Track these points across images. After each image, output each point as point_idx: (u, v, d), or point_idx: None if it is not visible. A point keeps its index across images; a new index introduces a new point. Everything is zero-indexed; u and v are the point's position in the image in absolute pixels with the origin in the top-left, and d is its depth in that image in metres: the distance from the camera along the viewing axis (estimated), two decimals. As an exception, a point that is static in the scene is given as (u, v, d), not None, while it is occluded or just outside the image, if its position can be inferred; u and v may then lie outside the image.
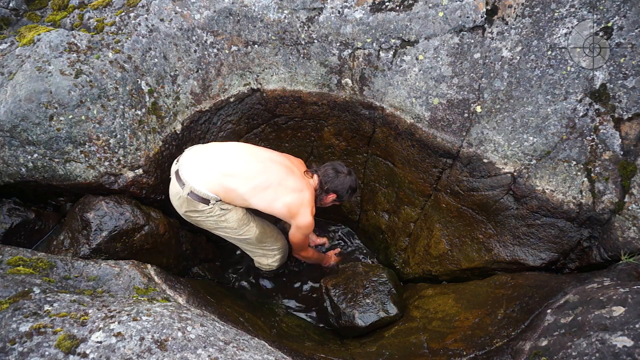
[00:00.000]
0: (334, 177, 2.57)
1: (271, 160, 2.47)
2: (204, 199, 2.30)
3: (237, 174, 2.34)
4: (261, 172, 2.39)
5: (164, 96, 2.49)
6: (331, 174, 2.57)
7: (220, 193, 2.32)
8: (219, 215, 2.38)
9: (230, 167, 2.34)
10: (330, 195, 2.62)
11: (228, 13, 2.47)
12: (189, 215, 2.43)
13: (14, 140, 2.22)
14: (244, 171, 2.36)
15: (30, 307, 1.45)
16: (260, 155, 2.47)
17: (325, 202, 2.69)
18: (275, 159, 2.50)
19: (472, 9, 2.18)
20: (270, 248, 2.75)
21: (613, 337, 1.45)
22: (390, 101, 2.46)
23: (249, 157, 2.42)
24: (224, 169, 2.34)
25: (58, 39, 2.30)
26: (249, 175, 2.35)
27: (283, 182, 2.41)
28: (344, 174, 2.59)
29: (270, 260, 2.82)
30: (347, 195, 2.64)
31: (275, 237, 2.77)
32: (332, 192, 2.60)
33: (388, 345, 2.28)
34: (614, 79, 2.03)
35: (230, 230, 2.49)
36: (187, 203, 2.34)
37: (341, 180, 2.57)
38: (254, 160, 2.41)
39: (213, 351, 1.41)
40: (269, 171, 2.41)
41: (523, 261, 2.38)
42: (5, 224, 2.31)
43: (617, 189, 2.08)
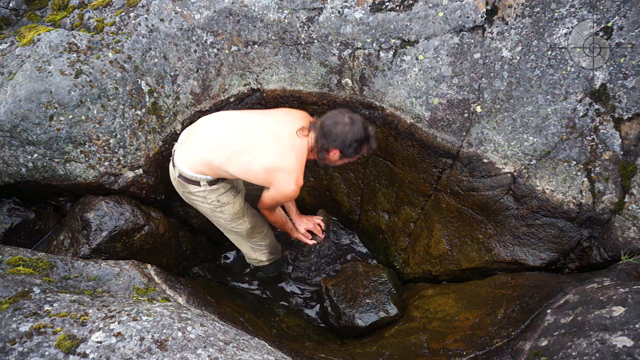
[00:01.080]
0: (330, 129, 2.13)
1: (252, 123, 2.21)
2: (193, 180, 2.25)
3: (213, 144, 2.17)
4: (237, 137, 2.17)
5: (164, 96, 2.49)
6: (327, 126, 2.14)
7: (205, 170, 2.20)
8: (215, 205, 2.36)
9: (208, 140, 2.19)
10: (332, 152, 2.20)
11: (228, 13, 2.47)
12: (187, 196, 2.40)
13: (14, 140, 2.22)
14: (219, 140, 2.17)
15: (30, 307, 1.45)
16: (243, 120, 2.24)
17: (332, 160, 2.27)
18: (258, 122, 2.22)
19: (472, 9, 2.18)
20: (259, 244, 2.78)
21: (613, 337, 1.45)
22: (390, 101, 2.46)
23: (228, 124, 2.23)
24: (202, 143, 2.19)
25: (58, 39, 2.30)
26: (224, 144, 2.16)
27: (262, 144, 2.14)
28: (344, 123, 2.12)
29: (257, 254, 2.84)
30: (350, 149, 2.16)
31: (265, 234, 2.77)
32: (332, 148, 2.18)
33: (388, 345, 2.28)
34: (614, 79, 2.03)
35: (223, 221, 2.49)
36: (181, 185, 2.33)
37: (339, 131, 2.11)
38: (232, 127, 2.21)
39: (213, 351, 1.41)
40: (245, 134, 2.16)
41: (523, 261, 2.38)
42: (5, 224, 2.31)
43: (617, 189, 2.08)
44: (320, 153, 2.21)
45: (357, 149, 2.19)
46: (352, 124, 2.13)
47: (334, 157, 2.24)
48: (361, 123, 2.16)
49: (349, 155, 2.22)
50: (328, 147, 2.16)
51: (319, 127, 2.18)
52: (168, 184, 2.60)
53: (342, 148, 2.16)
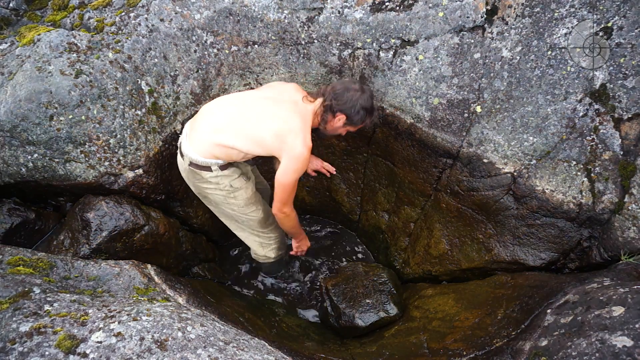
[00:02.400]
0: (341, 93, 2.19)
1: (254, 98, 2.27)
2: (205, 166, 2.24)
3: (220, 125, 2.20)
4: (242, 112, 2.21)
5: (164, 96, 2.50)
6: (339, 89, 2.20)
7: (216, 153, 2.21)
8: (229, 191, 2.35)
9: (213, 122, 2.22)
10: (337, 117, 2.24)
11: (228, 13, 2.47)
12: (199, 186, 2.39)
13: (14, 140, 2.22)
14: (225, 119, 2.21)
15: (30, 307, 1.45)
16: (245, 97, 2.29)
17: (334, 126, 2.30)
18: (259, 95, 2.28)
19: (472, 9, 2.18)
20: (268, 236, 2.74)
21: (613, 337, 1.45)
22: (390, 101, 2.46)
23: (231, 104, 2.27)
24: (211, 126, 2.21)
25: (58, 39, 2.30)
26: (230, 121, 2.20)
27: (266, 112, 2.19)
28: (354, 90, 2.19)
29: (266, 250, 2.81)
30: (357, 116, 2.21)
31: (275, 226, 2.74)
32: (338, 112, 2.22)
33: (388, 345, 2.28)
34: (614, 79, 2.03)
35: (237, 208, 2.45)
36: (192, 174, 2.31)
37: (350, 96, 2.17)
38: (235, 105, 2.26)
39: (213, 351, 1.41)
40: (249, 108, 2.21)
41: (523, 261, 2.39)
42: (5, 224, 2.31)
43: (617, 189, 2.08)
44: (324, 115, 2.23)
45: (363, 118, 2.24)
46: (362, 92, 2.20)
47: (338, 123, 2.27)
48: (370, 93, 2.22)
49: (354, 122, 2.26)
50: (336, 110, 2.20)
51: (329, 91, 2.22)
52: (168, 184, 2.60)
53: (350, 113, 2.20)
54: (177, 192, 2.71)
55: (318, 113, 2.25)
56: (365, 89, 2.22)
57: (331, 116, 2.24)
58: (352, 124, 2.27)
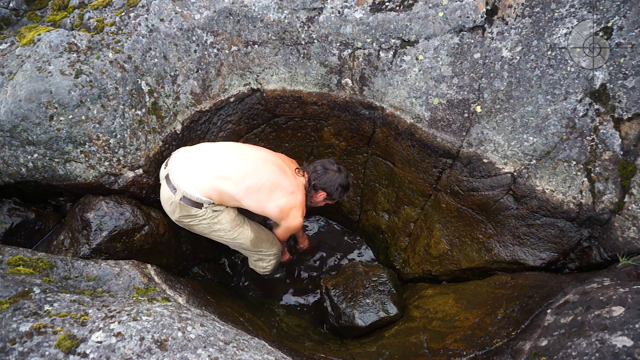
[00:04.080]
0: (322, 173, 2.52)
1: (263, 160, 2.42)
2: (197, 203, 2.26)
3: (229, 176, 2.29)
4: (253, 172, 2.34)
5: (164, 96, 2.50)
6: (320, 171, 2.52)
7: (212, 196, 2.28)
8: (211, 217, 2.34)
9: (221, 169, 2.30)
10: (319, 193, 2.57)
11: (228, 13, 2.47)
12: (182, 221, 2.38)
13: (14, 140, 2.22)
14: (235, 172, 2.31)
15: (30, 307, 1.45)
16: (251, 154, 2.42)
17: (316, 201, 2.64)
18: (267, 158, 2.45)
19: (472, 9, 2.18)
20: (266, 253, 2.73)
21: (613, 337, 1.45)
22: (390, 101, 2.46)
23: (240, 157, 2.38)
24: (215, 171, 2.29)
25: (58, 39, 2.30)
26: (241, 176, 2.31)
27: (275, 182, 2.38)
28: (333, 170, 2.53)
29: (265, 264, 2.81)
30: (337, 193, 2.57)
31: (272, 242, 2.72)
32: (320, 190, 2.54)
33: (388, 345, 2.28)
34: (614, 79, 2.03)
35: (223, 233, 2.44)
36: (180, 208, 2.29)
37: (330, 177, 2.51)
38: (245, 160, 2.37)
39: (213, 351, 1.41)
40: (261, 171, 2.36)
41: (523, 261, 2.38)
42: (5, 224, 2.31)
43: (617, 189, 2.08)
44: (309, 192, 2.56)
45: (341, 194, 2.60)
46: (339, 172, 2.54)
47: (319, 198, 2.60)
48: (346, 172, 2.59)
49: (333, 198, 2.61)
50: (319, 187, 2.53)
51: (311, 170, 2.55)
52: (168, 184, 2.60)
53: (330, 191, 2.54)
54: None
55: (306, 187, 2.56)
56: (341, 169, 2.56)
57: (314, 192, 2.56)
58: (331, 198, 2.61)
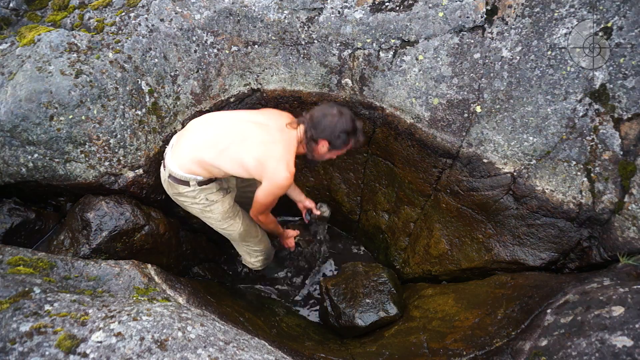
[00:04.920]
0: (320, 120, 2.17)
1: (241, 120, 2.27)
2: (183, 180, 2.25)
3: (203, 143, 2.20)
4: (227, 132, 2.21)
5: (164, 96, 2.50)
6: (316, 117, 2.18)
7: (195, 170, 2.22)
8: (205, 205, 2.36)
9: (197, 138, 2.23)
10: (320, 144, 2.23)
11: (228, 13, 2.47)
12: (177, 199, 2.40)
13: (15, 140, 2.22)
14: (210, 137, 2.21)
15: (30, 307, 1.45)
16: (232, 117, 2.31)
17: (320, 153, 2.30)
18: (246, 118, 2.28)
19: (472, 9, 2.18)
20: (253, 248, 2.77)
21: (613, 337, 1.45)
22: (390, 101, 2.46)
23: (217, 122, 2.29)
24: (194, 142, 2.22)
25: (58, 39, 2.30)
26: (215, 140, 2.20)
27: (250, 136, 2.19)
28: (332, 114, 2.16)
29: (253, 260, 2.85)
30: (340, 140, 2.19)
31: (260, 239, 2.76)
32: (321, 139, 2.20)
33: (388, 345, 2.28)
34: (614, 79, 2.03)
35: (214, 221, 2.48)
36: (170, 186, 2.33)
37: (328, 122, 2.15)
38: (221, 124, 2.27)
39: (213, 351, 1.41)
40: (234, 129, 2.21)
41: (523, 261, 2.39)
42: (5, 224, 2.31)
43: (617, 189, 2.08)
44: (308, 144, 2.24)
45: (346, 141, 2.22)
46: (340, 116, 2.17)
47: (323, 150, 2.26)
48: (349, 115, 2.20)
49: (337, 147, 2.24)
50: (317, 137, 2.19)
51: (308, 118, 2.21)
52: (168, 184, 2.61)
53: (330, 139, 2.19)
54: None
55: (301, 140, 2.25)
56: (343, 112, 2.19)
57: (314, 144, 2.23)
58: (336, 148, 2.26)
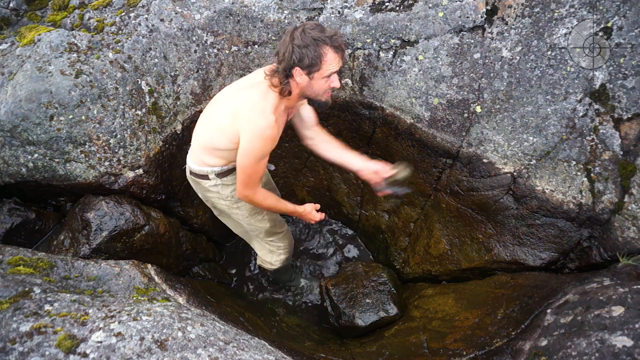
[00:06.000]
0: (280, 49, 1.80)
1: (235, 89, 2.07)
2: (202, 175, 2.21)
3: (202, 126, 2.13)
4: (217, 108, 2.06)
5: (164, 96, 2.50)
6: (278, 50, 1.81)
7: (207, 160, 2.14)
8: (231, 201, 2.32)
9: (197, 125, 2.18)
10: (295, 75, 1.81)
11: (228, 13, 2.47)
12: (204, 195, 2.38)
13: (15, 140, 2.22)
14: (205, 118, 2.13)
15: (30, 306, 1.45)
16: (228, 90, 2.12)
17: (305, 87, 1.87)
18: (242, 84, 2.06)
19: (472, 9, 2.18)
20: (276, 244, 2.71)
21: (613, 337, 1.45)
22: (390, 101, 2.46)
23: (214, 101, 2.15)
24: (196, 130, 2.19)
25: (58, 39, 2.30)
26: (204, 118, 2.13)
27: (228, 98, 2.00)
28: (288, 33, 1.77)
29: (274, 259, 2.78)
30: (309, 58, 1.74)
31: (285, 234, 2.71)
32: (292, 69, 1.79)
33: (388, 345, 2.28)
34: (614, 79, 2.03)
35: (242, 217, 2.43)
36: (194, 183, 2.32)
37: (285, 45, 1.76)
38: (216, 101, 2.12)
39: (213, 351, 1.41)
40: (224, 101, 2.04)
41: (523, 261, 2.39)
42: (5, 223, 2.31)
43: (617, 189, 2.08)
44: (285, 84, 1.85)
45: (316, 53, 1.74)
46: (294, 31, 1.76)
47: (304, 81, 1.84)
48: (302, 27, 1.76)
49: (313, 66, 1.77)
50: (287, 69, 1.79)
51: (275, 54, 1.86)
52: (168, 184, 2.61)
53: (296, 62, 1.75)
54: (178, 192, 2.71)
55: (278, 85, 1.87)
56: (297, 27, 1.77)
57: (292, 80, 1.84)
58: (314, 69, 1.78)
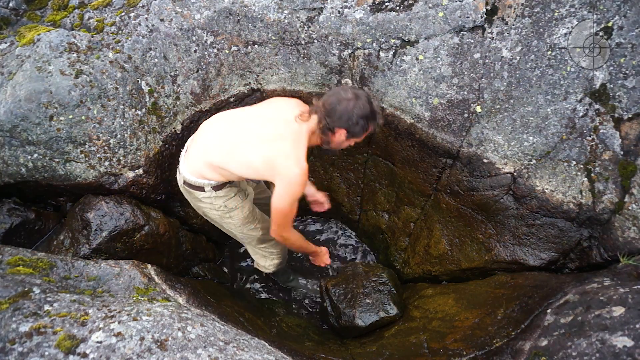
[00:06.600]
0: (334, 107, 1.98)
1: (248, 116, 2.14)
2: (197, 186, 2.19)
3: (211, 144, 2.10)
4: (233, 131, 2.08)
5: (164, 96, 2.50)
6: (330, 104, 2.00)
7: (208, 175, 2.13)
8: (224, 211, 2.31)
9: (205, 140, 2.13)
10: (338, 133, 2.05)
11: (228, 13, 2.47)
12: (196, 204, 2.37)
13: (14, 140, 2.22)
14: (216, 138, 2.11)
15: (30, 307, 1.45)
16: (239, 115, 2.18)
17: (337, 142, 2.11)
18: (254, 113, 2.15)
19: (472, 9, 2.18)
20: (269, 250, 2.74)
21: (613, 337, 1.45)
22: (390, 101, 2.46)
23: (224, 121, 2.17)
24: (201, 145, 2.13)
25: (58, 39, 2.30)
26: (221, 141, 2.09)
27: (257, 134, 2.04)
28: (347, 100, 1.97)
29: (268, 263, 2.82)
30: (357, 127, 2.01)
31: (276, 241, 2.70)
32: (337, 128, 2.02)
33: (388, 345, 2.28)
34: (614, 79, 2.03)
35: (233, 226, 2.44)
36: (187, 192, 2.30)
37: (344, 108, 1.96)
38: (228, 123, 2.15)
39: (213, 351, 1.41)
40: (240, 127, 2.08)
41: (523, 261, 2.39)
42: (5, 224, 2.31)
43: (617, 189, 2.08)
44: (324, 135, 2.07)
45: (365, 127, 2.03)
46: (356, 99, 1.98)
47: (340, 138, 2.09)
48: (366, 98, 2.01)
49: (356, 134, 2.06)
50: (333, 126, 2.01)
51: (321, 106, 2.04)
52: (168, 184, 2.61)
53: (348, 126, 2.01)
54: (177, 192, 2.70)
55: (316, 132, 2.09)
56: (359, 95, 2.01)
57: (331, 134, 2.06)
58: (354, 136, 2.08)
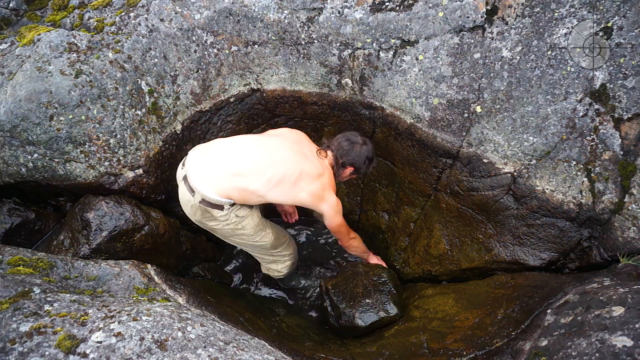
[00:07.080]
0: (349, 149, 2.46)
1: (280, 148, 2.34)
2: (217, 205, 2.21)
3: (247, 171, 2.21)
4: (272, 163, 2.26)
5: (164, 96, 2.50)
6: (346, 147, 2.46)
7: (232, 195, 2.20)
8: (236, 222, 2.31)
9: (238, 166, 2.22)
10: (347, 169, 2.51)
11: (228, 13, 2.47)
12: (204, 223, 2.35)
13: (14, 140, 2.22)
14: (253, 166, 2.23)
15: (30, 307, 1.45)
16: (267, 144, 2.35)
17: (342, 177, 2.60)
18: (286, 146, 2.37)
19: (472, 9, 2.18)
20: (282, 254, 2.73)
21: (613, 337, 1.45)
22: (390, 101, 2.46)
23: (256, 149, 2.30)
24: (231, 168, 2.21)
25: (58, 39, 2.30)
26: (260, 170, 2.23)
27: (298, 170, 2.29)
28: (359, 144, 2.47)
29: (280, 267, 2.80)
30: (364, 166, 2.53)
31: (288, 242, 2.74)
32: (348, 166, 2.49)
33: (388, 345, 2.28)
34: (614, 79, 2.03)
35: (246, 237, 2.43)
36: (201, 211, 2.25)
37: (357, 151, 2.46)
38: (262, 152, 2.29)
39: (213, 351, 1.41)
40: (280, 161, 2.28)
41: (523, 261, 2.38)
42: (5, 224, 2.31)
43: (617, 189, 2.08)
44: (338, 170, 2.52)
45: (368, 166, 2.55)
46: (365, 144, 2.48)
47: (346, 174, 2.55)
48: (370, 143, 2.51)
49: (361, 171, 2.57)
50: (347, 165, 2.48)
51: (336, 146, 2.48)
52: (168, 184, 2.60)
53: (358, 165, 2.49)
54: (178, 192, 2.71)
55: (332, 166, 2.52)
56: (367, 141, 2.49)
57: (342, 169, 2.52)
58: (358, 172, 2.56)
